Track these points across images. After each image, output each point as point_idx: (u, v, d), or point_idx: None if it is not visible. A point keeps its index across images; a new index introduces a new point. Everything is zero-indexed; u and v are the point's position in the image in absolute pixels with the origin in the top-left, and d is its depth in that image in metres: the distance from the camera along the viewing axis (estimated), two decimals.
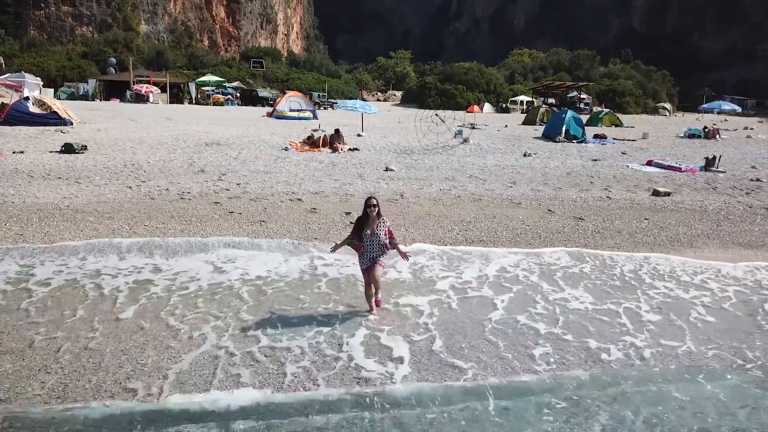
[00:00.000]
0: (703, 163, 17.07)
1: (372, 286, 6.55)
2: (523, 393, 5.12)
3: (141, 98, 38.89)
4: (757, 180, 15.38)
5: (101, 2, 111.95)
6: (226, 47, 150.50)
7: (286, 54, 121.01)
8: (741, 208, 12.54)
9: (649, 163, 17.44)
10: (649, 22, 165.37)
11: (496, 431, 4.48)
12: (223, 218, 10.29)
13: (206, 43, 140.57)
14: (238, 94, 53.05)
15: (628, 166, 17.13)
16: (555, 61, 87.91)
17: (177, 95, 48.88)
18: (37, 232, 9.16)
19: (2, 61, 64.22)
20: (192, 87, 50.90)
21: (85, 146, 15.50)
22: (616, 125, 35.64)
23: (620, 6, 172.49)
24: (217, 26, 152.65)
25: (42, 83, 33.45)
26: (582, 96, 59.42)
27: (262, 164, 14.90)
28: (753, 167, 17.85)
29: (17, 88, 24.89)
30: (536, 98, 58.90)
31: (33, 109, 19.47)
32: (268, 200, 11.51)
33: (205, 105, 46.54)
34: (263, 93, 54.48)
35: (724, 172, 16.44)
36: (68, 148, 15.07)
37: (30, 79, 29.54)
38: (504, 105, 58.33)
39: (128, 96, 39.47)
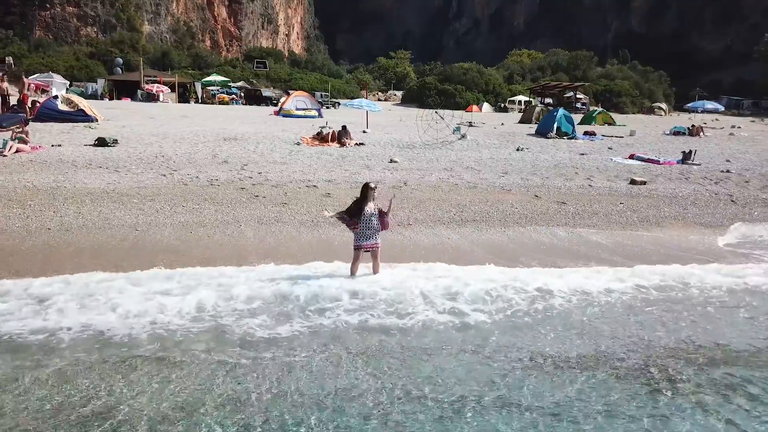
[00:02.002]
0: (680, 157, 18.60)
1: (359, 261, 7.94)
2: None
3: (152, 97, 40.40)
4: (727, 171, 16.91)
5: (105, 3, 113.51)
6: (228, 47, 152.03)
7: (287, 54, 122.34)
8: (708, 195, 14.06)
9: (632, 157, 18.97)
10: (648, 23, 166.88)
11: None
12: (250, 201, 11.80)
13: (208, 43, 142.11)
14: (242, 94, 54.36)
15: (611, 160, 18.65)
16: (553, 62, 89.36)
17: (183, 94, 50.27)
18: (93, 211, 10.66)
19: (12, 61, 65.71)
20: (198, 87, 52.29)
21: (116, 140, 17.00)
22: (609, 124, 37.11)
23: (619, 7, 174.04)
24: (219, 26, 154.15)
25: (69, 83, 34.94)
26: (579, 96, 60.83)
27: (279, 156, 16.43)
28: (727, 161, 19.37)
29: (44, 88, 26.41)
30: (534, 98, 60.31)
31: (62, 107, 20.99)
32: (287, 186, 13.01)
33: (211, 104, 47.87)
34: (267, 93, 55.80)
35: (699, 164, 17.96)
36: (101, 142, 16.57)
37: (58, 79, 31.12)
38: (502, 105, 59.78)
39: (139, 95, 40.98)
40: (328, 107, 46.28)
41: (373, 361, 5.91)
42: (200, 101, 49.16)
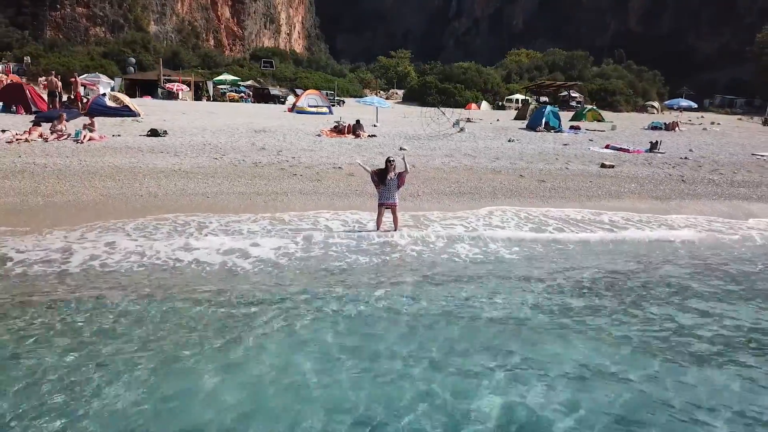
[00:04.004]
0: (648, 147, 21.51)
1: (383, 215, 10.91)
2: None
3: (171, 95, 43.27)
4: (685, 158, 19.84)
5: (113, 3, 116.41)
6: (231, 47, 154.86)
7: (288, 53, 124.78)
8: (663, 176, 16.99)
9: (607, 147, 21.88)
10: (646, 23, 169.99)
11: None
12: (291, 177, 14.70)
13: (211, 42, 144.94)
14: (250, 93, 56.72)
15: (589, 149, 21.56)
16: (550, 62, 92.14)
17: (196, 92, 52.92)
18: (169, 184, 13.53)
19: (29, 61, 68.61)
20: (210, 85, 55.02)
21: (166, 131, 19.88)
22: (598, 120, 40.01)
23: (617, 6, 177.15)
24: (222, 26, 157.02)
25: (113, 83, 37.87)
26: (574, 95, 63.66)
27: (305, 145, 19.33)
28: (690, 150, 22.30)
29: (90, 86, 29.37)
30: (530, 96, 63.08)
31: (109, 103, 23.85)
32: (317, 168, 15.92)
33: (222, 102, 50.39)
34: (275, 91, 58.29)
35: (664, 153, 20.87)
36: (153, 133, 19.45)
37: (104, 79, 34.21)
38: (500, 103, 62.63)
39: (159, 93, 43.83)
40: (334, 105, 49.07)
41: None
42: (211, 99, 51.75)
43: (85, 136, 17.36)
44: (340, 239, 10.22)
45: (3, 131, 17.71)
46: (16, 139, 16.75)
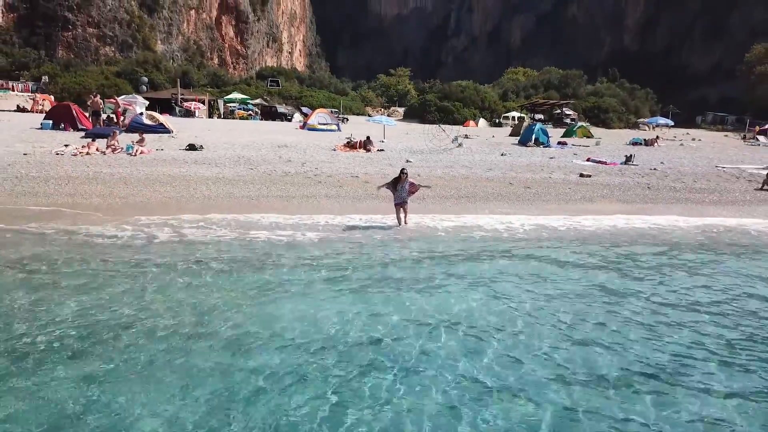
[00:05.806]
0: (623, 159, 24.41)
1: (401, 213, 13.72)
2: None
3: (189, 113, 46.32)
4: (654, 169, 22.75)
5: (123, 24, 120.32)
6: (235, 65, 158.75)
7: (292, 72, 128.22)
8: (632, 183, 19.87)
9: (588, 160, 24.79)
10: (640, 41, 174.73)
11: None
12: (317, 184, 17.55)
13: (216, 61, 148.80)
14: (258, 110, 59.42)
15: (572, 162, 24.47)
16: (546, 80, 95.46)
17: (208, 110, 55.85)
18: (218, 189, 16.37)
19: (47, 80, 71.99)
20: (221, 103, 58.04)
21: (202, 146, 22.76)
22: (587, 137, 43.01)
23: (612, 24, 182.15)
24: (226, 45, 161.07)
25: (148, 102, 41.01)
26: (568, 112, 66.78)
27: (324, 158, 22.23)
28: (661, 162, 25.22)
29: (127, 106, 32.45)
30: (526, 114, 66.09)
31: (146, 121, 26.79)
32: (337, 176, 18.78)
33: (232, 119, 53.17)
34: (281, 109, 61.02)
35: (637, 165, 23.78)
36: (191, 147, 22.32)
37: (140, 99, 37.42)
38: (497, 120, 65.69)
39: (177, 111, 46.84)
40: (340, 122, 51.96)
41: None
42: (222, 116, 54.57)
43: (136, 150, 20.24)
44: (373, 231, 12.98)
45: (66, 146, 20.64)
46: (80, 153, 19.63)
